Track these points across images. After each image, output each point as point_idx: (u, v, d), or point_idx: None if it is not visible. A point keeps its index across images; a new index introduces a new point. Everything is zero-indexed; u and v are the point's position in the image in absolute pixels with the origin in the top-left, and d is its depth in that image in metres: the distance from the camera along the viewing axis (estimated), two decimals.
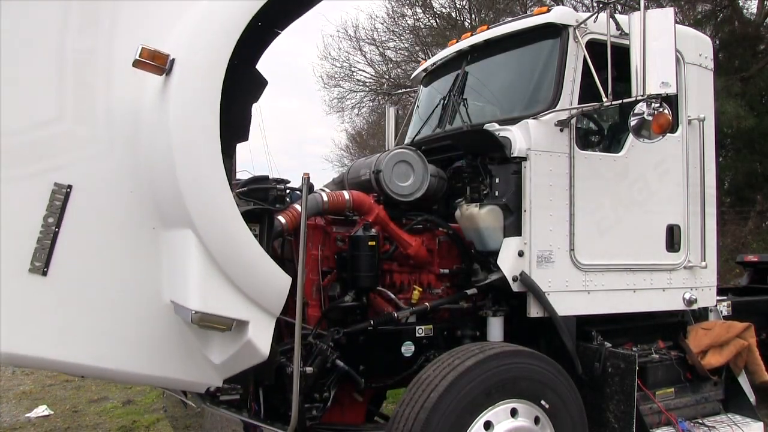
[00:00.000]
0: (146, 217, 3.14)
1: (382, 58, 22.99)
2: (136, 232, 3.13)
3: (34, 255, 2.92)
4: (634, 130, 3.81)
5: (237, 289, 3.01)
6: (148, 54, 2.89)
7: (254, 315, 3.06)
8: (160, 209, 3.12)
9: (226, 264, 2.97)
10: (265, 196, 3.84)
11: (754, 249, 13.75)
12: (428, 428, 3.28)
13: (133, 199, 3.12)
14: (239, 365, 3.21)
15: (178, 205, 2.95)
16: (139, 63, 2.90)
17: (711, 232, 4.75)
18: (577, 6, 16.28)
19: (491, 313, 4.23)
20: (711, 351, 4.57)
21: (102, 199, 3.07)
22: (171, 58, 2.94)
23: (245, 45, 3.05)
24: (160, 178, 3.05)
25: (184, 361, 3.24)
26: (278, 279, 3.13)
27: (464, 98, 4.80)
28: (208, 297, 2.93)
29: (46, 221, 2.95)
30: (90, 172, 3.05)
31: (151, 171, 3.09)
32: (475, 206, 4.14)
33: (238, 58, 3.02)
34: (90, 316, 3.05)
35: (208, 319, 2.92)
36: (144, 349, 3.17)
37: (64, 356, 3.04)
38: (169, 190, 2.98)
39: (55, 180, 2.98)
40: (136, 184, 3.12)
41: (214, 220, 2.95)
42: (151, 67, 2.93)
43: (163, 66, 2.94)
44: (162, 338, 3.19)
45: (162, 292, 3.15)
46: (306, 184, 3.47)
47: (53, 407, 7.01)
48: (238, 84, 3.18)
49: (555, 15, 4.30)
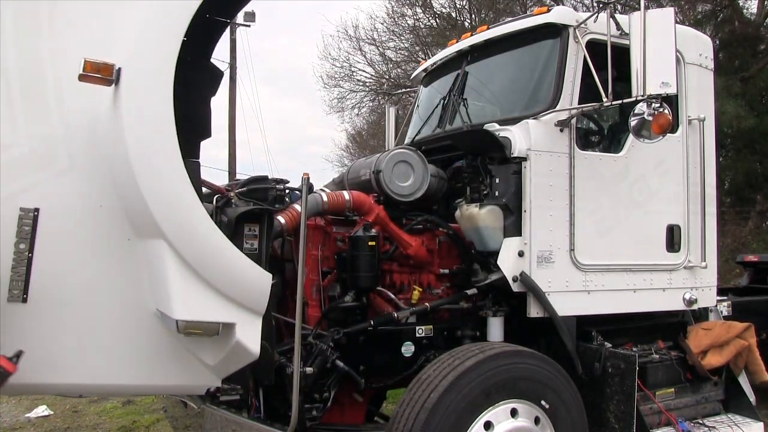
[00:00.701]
0: (120, 230, 3.06)
1: (382, 58, 23.03)
2: (111, 246, 3.06)
3: (10, 283, 2.84)
4: (634, 130, 3.81)
5: (218, 292, 2.97)
6: (92, 67, 2.79)
7: (239, 316, 3.02)
8: (132, 220, 3.05)
9: (202, 269, 2.92)
10: (265, 196, 3.84)
11: (754, 249, 13.75)
12: (428, 428, 3.28)
13: (104, 214, 3.04)
14: (233, 365, 3.20)
15: (145, 215, 2.89)
16: (84, 77, 2.80)
17: (711, 232, 4.74)
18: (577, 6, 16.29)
19: (491, 314, 4.23)
20: (711, 351, 4.57)
21: (72, 218, 2.99)
22: (117, 67, 2.85)
23: (195, 39, 2.98)
24: (125, 190, 2.97)
25: (179, 367, 3.21)
26: (258, 277, 3.09)
27: (464, 98, 4.80)
28: (190, 304, 2.89)
29: (17, 248, 2.85)
30: (55, 191, 2.96)
31: (116, 183, 3.01)
32: (475, 206, 4.13)
33: (189, 54, 2.96)
34: (78, 336, 3.00)
35: (193, 326, 2.90)
36: (138, 361, 3.13)
37: (59, 379, 3.02)
38: (135, 201, 2.92)
39: (20, 205, 2.87)
40: (104, 198, 3.03)
41: (182, 227, 2.90)
42: (98, 80, 2.83)
43: (110, 77, 2.84)
44: (155, 347, 3.15)
45: (147, 301, 3.11)
46: (306, 184, 3.47)
47: (53, 407, 7.01)
48: (194, 80, 3.10)
49: (555, 15, 4.30)
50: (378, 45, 22.52)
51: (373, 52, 22.89)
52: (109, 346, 3.07)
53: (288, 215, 3.77)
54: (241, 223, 3.39)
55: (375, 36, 22.40)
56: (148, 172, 2.85)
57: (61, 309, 2.97)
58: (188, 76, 2.98)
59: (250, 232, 3.41)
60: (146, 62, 2.89)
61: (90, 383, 3.11)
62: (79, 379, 3.05)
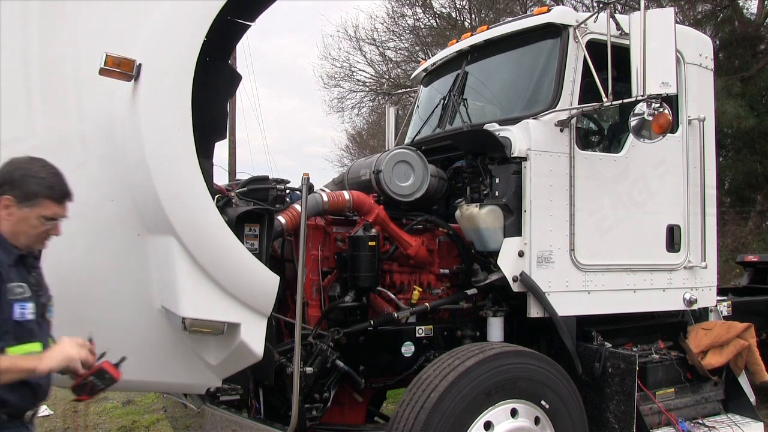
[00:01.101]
0: (130, 225, 3.07)
1: (382, 58, 23.02)
2: (120, 240, 3.07)
3: None
4: (634, 130, 3.81)
5: (225, 292, 2.97)
6: (113, 62, 2.80)
7: (245, 316, 3.03)
8: (143, 216, 3.06)
9: (211, 268, 2.93)
10: (265, 196, 3.84)
11: (754, 249, 13.75)
12: (428, 429, 3.28)
13: (115, 208, 3.05)
14: (236, 366, 3.20)
15: (158, 211, 2.90)
16: (104, 71, 2.81)
17: (711, 232, 4.74)
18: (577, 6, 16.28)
19: (491, 314, 4.23)
20: (711, 351, 4.57)
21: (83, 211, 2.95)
22: (137, 63, 2.86)
23: (215, 40, 2.98)
24: (139, 186, 2.98)
25: (182, 365, 3.22)
26: (266, 279, 3.09)
27: (464, 98, 4.80)
28: (197, 303, 2.90)
29: None
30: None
31: (129, 178, 3.02)
32: (475, 206, 4.13)
33: (209, 54, 2.97)
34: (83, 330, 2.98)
35: (198, 325, 2.90)
36: (141, 356, 3.12)
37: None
38: (148, 197, 2.93)
39: None
40: (116, 192, 3.04)
41: (195, 226, 2.90)
42: (118, 74, 2.84)
43: (130, 72, 2.85)
44: (158, 344, 3.16)
45: (154, 298, 3.11)
46: (306, 184, 3.47)
47: (53, 407, 7.00)
48: (211, 81, 3.11)
49: (555, 15, 4.30)
50: (378, 45, 22.53)
51: (373, 52, 22.91)
52: (113, 341, 3.06)
53: (288, 215, 3.77)
54: (242, 223, 3.40)
55: (375, 36, 22.41)
56: (164, 168, 2.86)
57: (68, 302, 2.97)
58: (206, 77, 2.99)
59: (251, 232, 3.41)
60: (167, 59, 2.91)
61: None
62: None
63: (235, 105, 21.92)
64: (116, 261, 3.07)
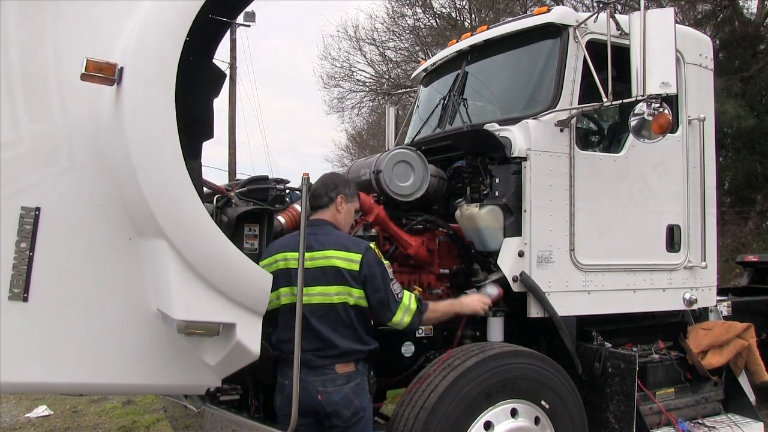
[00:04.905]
0: (121, 229, 3.05)
1: (382, 58, 23.04)
2: (112, 245, 3.05)
3: (11, 282, 2.84)
4: (634, 130, 3.81)
5: (219, 292, 2.95)
6: (94, 66, 2.77)
7: (240, 316, 3.00)
8: (134, 220, 3.04)
9: (203, 269, 2.90)
10: (265, 196, 3.84)
11: (754, 249, 13.75)
12: (428, 429, 3.28)
13: (105, 213, 3.03)
14: (234, 365, 3.19)
15: (147, 215, 2.88)
16: (86, 77, 2.79)
17: (711, 232, 4.74)
18: (577, 6, 16.29)
19: (491, 314, 4.22)
20: (711, 351, 4.57)
21: (73, 217, 2.98)
22: (119, 67, 2.83)
23: (197, 40, 2.96)
24: (127, 189, 2.96)
25: (180, 366, 3.20)
26: (259, 277, 3.07)
27: (464, 98, 4.80)
28: (190, 304, 2.87)
29: (18, 246, 2.85)
30: (56, 190, 2.95)
31: (117, 182, 3.00)
32: (475, 206, 4.13)
33: (192, 53, 2.94)
34: (79, 335, 2.99)
35: (193, 327, 2.88)
36: (139, 359, 3.12)
37: (59, 378, 3.00)
38: (137, 200, 2.91)
39: (21, 204, 2.85)
40: (106, 197, 3.02)
41: (184, 228, 2.87)
42: (100, 80, 2.81)
43: (112, 77, 2.81)
44: (155, 346, 3.14)
45: (149, 300, 3.10)
46: (306, 184, 3.46)
47: (53, 407, 7.01)
48: (196, 80, 3.10)
49: (555, 15, 4.30)
50: (378, 45, 22.55)
51: (373, 52, 22.94)
52: (109, 345, 3.06)
53: (288, 215, 3.77)
54: (242, 223, 3.39)
55: (375, 36, 22.44)
56: (150, 171, 2.84)
57: (62, 308, 2.97)
58: (190, 77, 2.97)
59: (251, 232, 3.41)
60: (148, 61, 2.87)
61: (90, 382, 3.10)
62: (80, 378, 3.04)
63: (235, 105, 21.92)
64: (110, 266, 3.05)
